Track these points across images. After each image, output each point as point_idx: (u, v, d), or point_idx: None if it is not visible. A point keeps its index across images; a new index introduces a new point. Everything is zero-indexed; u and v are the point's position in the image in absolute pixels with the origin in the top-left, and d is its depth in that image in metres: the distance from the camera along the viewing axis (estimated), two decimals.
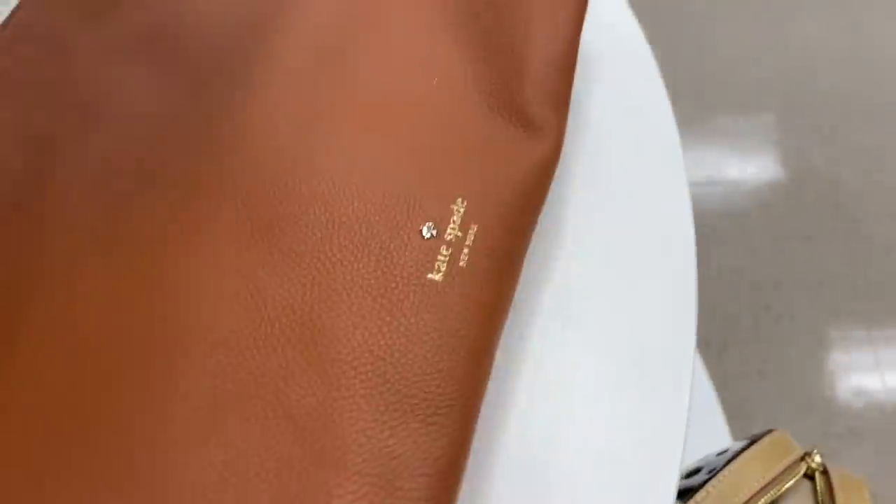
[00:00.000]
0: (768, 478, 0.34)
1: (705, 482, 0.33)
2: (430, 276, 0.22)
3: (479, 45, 0.28)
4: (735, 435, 0.70)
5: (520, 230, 0.25)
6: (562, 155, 0.27)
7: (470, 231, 0.23)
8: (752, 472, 0.34)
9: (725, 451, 0.36)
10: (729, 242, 1.00)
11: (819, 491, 0.34)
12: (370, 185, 0.24)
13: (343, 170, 0.24)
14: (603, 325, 0.27)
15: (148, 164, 0.25)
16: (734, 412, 0.88)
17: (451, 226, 0.23)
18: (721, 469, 0.33)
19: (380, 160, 0.25)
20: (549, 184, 0.26)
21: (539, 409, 0.25)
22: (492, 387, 0.24)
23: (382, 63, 0.28)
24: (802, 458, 0.35)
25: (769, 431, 0.36)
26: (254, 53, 0.28)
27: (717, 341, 0.93)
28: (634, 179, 0.30)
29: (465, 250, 0.23)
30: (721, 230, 1.01)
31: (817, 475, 0.35)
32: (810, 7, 1.23)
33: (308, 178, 0.24)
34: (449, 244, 0.23)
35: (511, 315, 0.26)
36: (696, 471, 0.35)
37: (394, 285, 0.22)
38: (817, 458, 0.35)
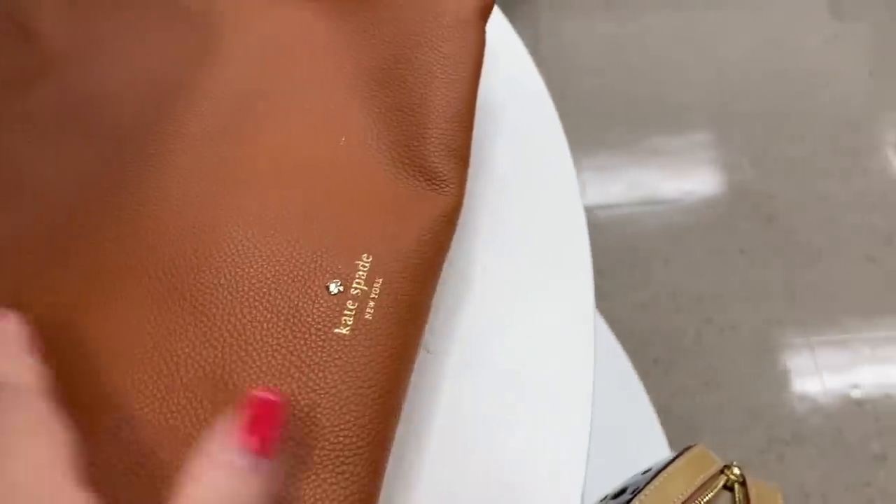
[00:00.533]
0: (689, 492, 0.36)
1: (629, 502, 0.35)
2: (337, 330, 0.24)
3: (383, 104, 0.30)
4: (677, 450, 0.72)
5: (424, 281, 0.26)
6: (465, 204, 0.29)
7: (375, 284, 0.25)
8: (674, 487, 0.36)
9: (649, 470, 0.38)
10: (669, 259, 1.04)
11: (737, 501, 0.36)
12: (277, 246, 0.25)
13: (251, 232, 0.26)
14: (510, 365, 0.28)
15: (62, 233, 0.26)
16: (683, 424, 0.90)
17: (357, 281, 0.25)
18: (643, 487, 0.35)
19: (286, 221, 0.26)
20: (453, 233, 0.28)
21: (450, 446, 0.26)
22: (404, 427, 0.25)
23: (290, 125, 0.29)
24: (722, 471, 0.38)
25: (689, 447, 0.38)
26: (165, 121, 0.29)
27: (663, 357, 0.96)
28: (535, 224, 0.32)
29: (371, 303, 0.25)
30: (660, 248, 1.04)
31: (736, 486, 0.37)
32: (733, 29, 1.29)
33: (216, 242, 0.25)
34: (355, 298, 0.25)
35: (423, 357, 0.28)
36: (622, 491, 0.37)
37: (303, 342, 0.23)
38: (735, 471, 0.37)
